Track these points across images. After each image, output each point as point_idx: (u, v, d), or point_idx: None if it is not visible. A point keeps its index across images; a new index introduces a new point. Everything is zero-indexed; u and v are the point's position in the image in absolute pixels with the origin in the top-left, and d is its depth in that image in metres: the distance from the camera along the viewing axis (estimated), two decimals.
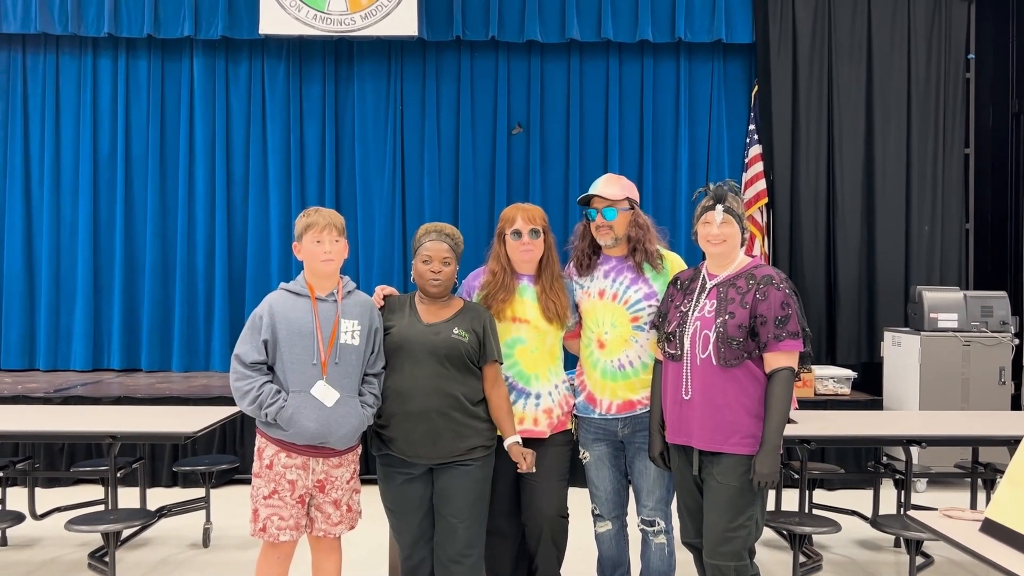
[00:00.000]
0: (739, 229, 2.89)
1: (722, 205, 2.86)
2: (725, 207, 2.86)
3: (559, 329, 3.26)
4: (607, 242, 3.24)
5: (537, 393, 3.21)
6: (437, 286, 3.06)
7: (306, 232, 2.96)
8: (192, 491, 5.57)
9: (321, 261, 2.96)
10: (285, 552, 3.00)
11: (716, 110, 7.09)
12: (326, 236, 2.96)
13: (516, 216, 3.22)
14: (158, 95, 6.99)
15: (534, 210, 3.27)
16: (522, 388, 3.21)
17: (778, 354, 2.76)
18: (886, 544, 4.70)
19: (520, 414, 3.19)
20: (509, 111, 7.04)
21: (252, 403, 2.87)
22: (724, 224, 2.86)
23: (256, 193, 7.00)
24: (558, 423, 3.24)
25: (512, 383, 3.21)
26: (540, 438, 3.19)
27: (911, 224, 6.74)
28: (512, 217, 3.23)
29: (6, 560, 4.34)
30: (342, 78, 7.05)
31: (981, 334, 5.84)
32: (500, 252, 3.25)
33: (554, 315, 3.20)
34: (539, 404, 3.21)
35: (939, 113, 6.78)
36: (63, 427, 3.90)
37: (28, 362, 7.00)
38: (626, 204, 3.23)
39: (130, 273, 6.99)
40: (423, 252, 3.07)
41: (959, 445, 4.58)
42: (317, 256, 2.96)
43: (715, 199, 2.88)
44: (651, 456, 3.08)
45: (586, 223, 3.29)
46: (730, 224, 2.87)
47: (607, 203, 3.20)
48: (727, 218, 2.86)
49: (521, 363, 3.21)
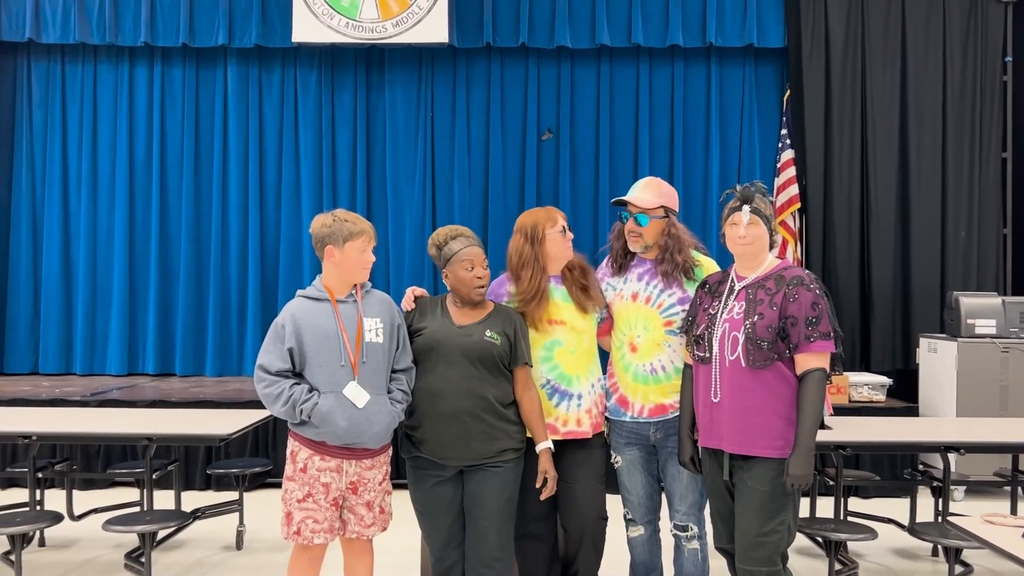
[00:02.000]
0: (767, 230, 2.86)
1: (749, 206, 2.84)
2: (752, 208, 2.84)
3: (594, 319, 3.25)
4: (636, 248, 3.24)
5: (579, 394, 3.20)
6: (481, 293, 3.07)
7: (352, 239, 2.93)
8: (226, 494, 5.62)
9: (364, 269, 2.98)
10: (317, 554, 3.01)
11: (748, 115, 7.04)
12: (371, 246, 3.00)
13: (554, 216, 3.24)
14: (192, 103, 7.09)
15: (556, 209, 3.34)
16: (565, 390, 3.20)
17: (809, 355, 2.73)
18: (923, 553, 4.63)
19: (564, 416, 3.18)
20: (539, 117, 7.05)
21: (285, 404, 2.87)
22: (751, 225, 2.84)
23: (288, 200, 7.07)
24: (597, 422, 3.24)
25: (555, 386, 3.19)
26: (583, 439, 3.19)
27: (947, 229, 6.64)
28: (550, 217, 3.23)
29: (44, 560, 4.40)
30: (373, 85, 7.10)
31: (1020, 341, 5.73)
32: (540, 254, 3.19)
33: (587, 303, 3.20)
34: (581, 404, 3.20)
35: (975, 117, 6.68)
36: (100, 429, 3.95)
37: (66, 366, 7.11)
38: (660, 212, 3.21)
39: (165, 279, 7.09)
40: (463, 259, 3.04)
41: (999, 452, 4.48)
42: (362, 264, 2.97)
43: (742, 200, 2.85)
44: (681, 461, 3.05)
45: (620, 225, 3.30)
46: (756, 225, 2.84)
47: (639, 209, 3.19)
48: (753, 219, 2.84)
49: (562, 365, 3.20)
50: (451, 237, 3.09)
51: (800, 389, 2.73)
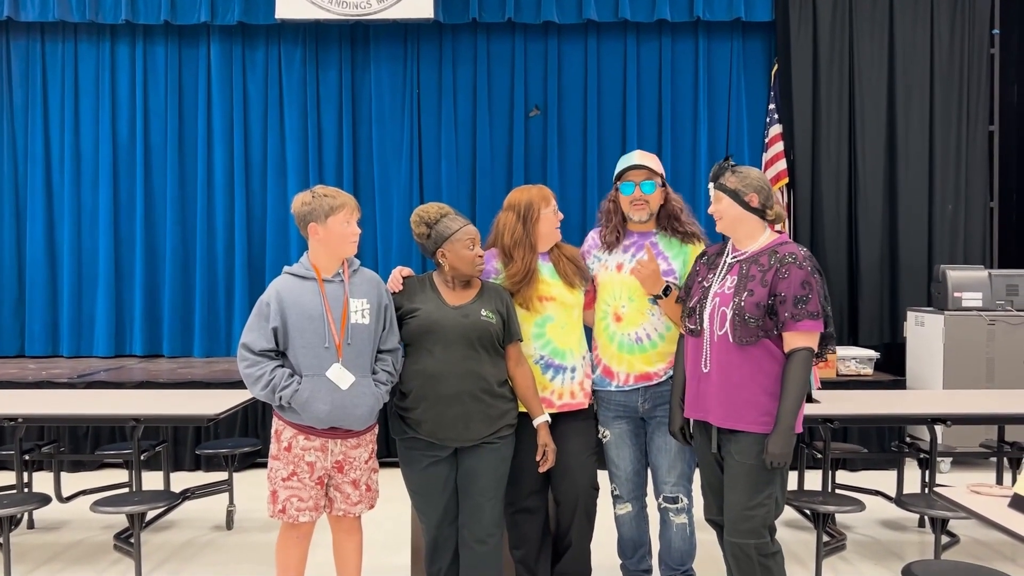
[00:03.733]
0: (735, 203, 2.83)
1: (713, 183, 2.86)
2: (717, 184, 2.85)
3: (580, 292, 3.25)
4: (642, 216, 3.22)
5: (573, 367, 3.21)
6: (482, 270, 3.09)
7: (334, 213, 2.88)
8: (215, 474, 5.62)
9: (352, 243, 2.94)
10: (304, 532, 3.01)
11: (735, 90, 7.01)
12: (354, 218, 2.94)
13: (547, 195, 3.24)
14: (176, 82, 7.01)
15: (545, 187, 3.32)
16: (559, 364, 3.20)
17: (796, 334, 2.71)
18: (910, 524, 4.67)
19: (559, 389, 3.19)
20: (526, 93, 7.00)
21: (265, 388, 2.85)
22: (714, 200, 2.86)
23: (274, 179, 7.01)
24: (588, 393, 3.27)
25: (548, 361, 3.19)
26: (581, 409, 3.21)
27: (934, 203, 6.65)
28: (545, 196, 3.23)
29: (34, 542, 4.39)
30: (359, 62, 7.04)
31: (1006, 313, 5.76)
32: (532, 232, 3.19)
33: (575, 277, 3.21)
34: (575, 377, 3.21)
35: (963, 90, 6.67)
36: (87, 410, 3.93)
37: (52, 348, 7.07)
38: (660, 180, 3.23)
39: (151, 260, 7.04)
40: (465, 238, 3.01)
41: (985, 423, 4.51)
42: (347, 238, 2.92)
43: (711, 177, 2.89)
44: (671, 431, 3.06)
45: (614, 199, 3.27)
46: (719, 200, 2.85)
47: (647, 175, 3.18)
48: (715, 194, 2.86)
49: (555, 340, 3.20)
50: (442, 215, 3.06)
51: (785, 368, 2.73)
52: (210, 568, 4.02)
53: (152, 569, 4.01)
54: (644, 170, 3.20)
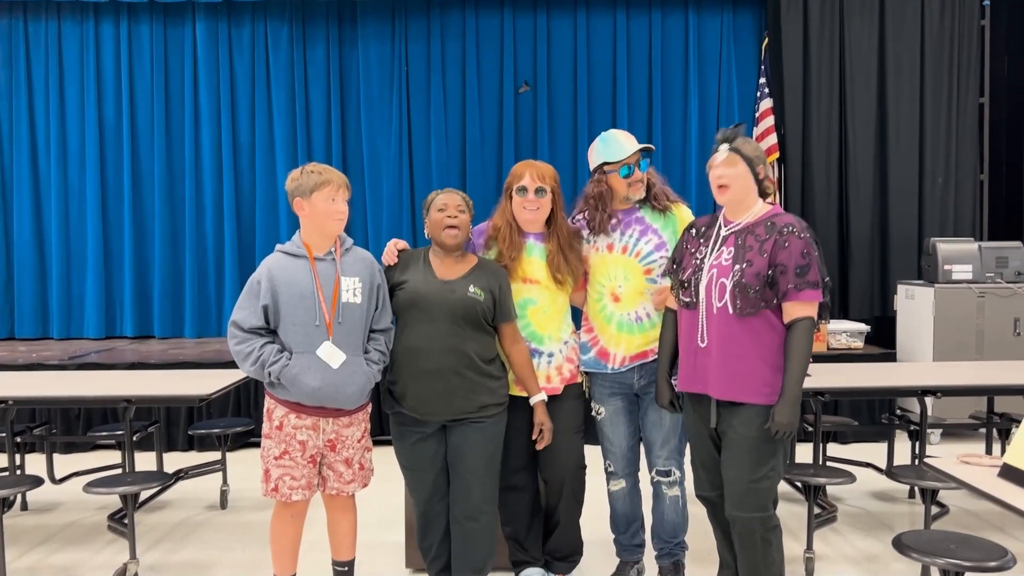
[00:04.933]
0: (749, 172, 2.77)
1: (728, 144, 2.77)
2: (731, 147, 2.76)
3: (569, 289, 3.25)
4: (641, 194, 3.20)
5: (550, 352, 3.21)
6: (454, 236, 3.02)
7: (318, 189, 2.87)
8: (208, 454, 5.63)
9: (336, 220, 2.90)
10: (298, 510, 3.01)
11: (726, 64, 6.99)
12: (340, 195, 2.91)
13: (525, 172, 3.17)
14: (161, 61, 6.94)
15: (545, 168, 3.20)
16: (535, 348, 3.20)
17: (798, 304, 2.69)
18: (900, 495, 4.71)
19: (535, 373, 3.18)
20: (516, 69, 6.96)
21: (254, 364, 2.84)
22: (726, 164, 2.75)
23: (263, 158, 6.97)
24: (570, 376, 3.25)
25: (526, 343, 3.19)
26: (555, 395, 3.20)
27: (924, 176, 6.66)
28: (520, 173, 3.18)
29: (27, 524, 4.39)
30: (346, 39, 6.98)
31: (996, 285, 5.79)
32: (506, 208, 3.22)
33: (566, 277, 3.18)
34: (551, 362, 3.21)
35: (953, 61, 6.65)
36: (79, 392, 3.92)
37: (42, 331, 7.05)
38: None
39: (140, 241, 7.00)
40: (438, 203, 3.06)
41: (975, 395, 4.54)
42: (331, 215, 2.89)
43: (722, 139, 2.79)
44: (660, 403, 3.04)
45: (603, 184, 3.22)
46: (734, 164, 2.75)
47: (639, 155, 3.17)
48: (731, 158, 2.75)
49: (533, 324, 3.20)
50: (437, 193, 3.12)
51: (788, 338, 2.70)
52: (204, 547, 4.03)
53: (146, 549, 4.01)
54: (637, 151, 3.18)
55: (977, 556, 2.45)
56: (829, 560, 3.76)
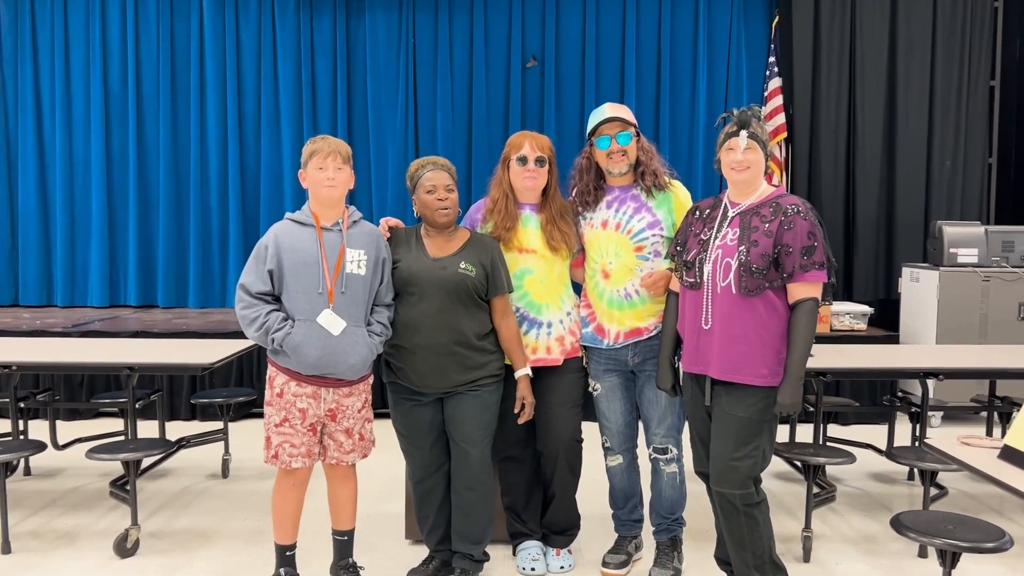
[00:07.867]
0: (763, 156, 2.81)
1: (746, 131, 2.78)
2: (750, 132, 2.78)
3: (566, 258, 3.25)
4: (621, 169, 3.18)
5: (548, 322, 3.21)
6: (446, 215, 3.05)
7: (311, 158, 2.93)
8: (210, 424, 5.66)
9: (325, 187, 2.92)
10: (300, 479, 3.03)
11: (736, 42, 6.92)
12: (330, 163, 2.92)
13: (524, 142, 3.20)
14: (167, 29, 6.89)
15: (542, 139, 3.25)
16: (533, 318, 3.21)
17: (803, 284, 2.70)
18: (900, 477, 4.72)
19: (533, 344, 3.20)
20: (524, 44, 6.90)
21: (259, 329, 2.87)
22: (748, 150, 2.78)
23: (268, 129, 6.94)
24: (571, 349, 3.25)
25: (523, 314, 3.21)
26: (554, 366, 3.21)
27: (932, 158, 6.62)
28: (519, 143, 3.20)
29: (30, 489, 4.43)
30: (353, 10, 6.92)
31: (1001, 269, 5.76)
32: (504, 178, 3.24)
33: (560, 244, 3.19)
34: (551, 333, 3.21)
35: (965, 44, 6.59)
36: (82, 359, 3.93)
37: (46, 298, 7.07)
38: (633, 130, 3.19)
39: (144, 210, 7.00)
40: (425, 183, 3.05)
41: (977, 378, 4.53)
42: (320, 182, 2.92)
43: (739, 124, 2.79)
44: (661, 387, 3.06)
45: (589, 156, 3.25)
46: (754, 150, 2.78)
47: (621, 127, 3.14)
48: (751, 144, 2.78)
49: (531, 293, 3.21)
50: (421, 166, 3.10)
51: (792, 318, 2.72)
52: (206, 515, 4.06)
53: (148, 516, 4.04)
54: (618, 122, 3.15)
55: (974, 537, 2.46)
56: (827, 539, 3.78)
